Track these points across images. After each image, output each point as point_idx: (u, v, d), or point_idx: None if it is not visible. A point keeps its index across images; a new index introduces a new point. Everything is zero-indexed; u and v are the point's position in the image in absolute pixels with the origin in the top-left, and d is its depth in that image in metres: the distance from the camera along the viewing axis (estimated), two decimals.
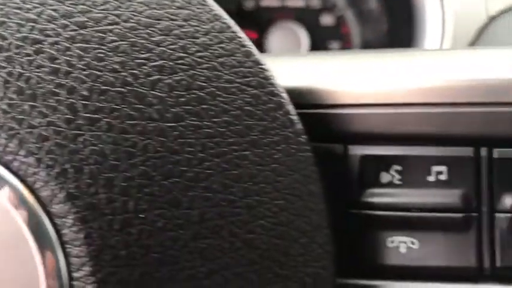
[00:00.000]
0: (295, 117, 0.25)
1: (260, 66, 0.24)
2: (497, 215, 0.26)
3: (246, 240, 0.22)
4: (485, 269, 0.26)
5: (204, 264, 0.21)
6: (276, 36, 0.72)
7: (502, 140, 0.26)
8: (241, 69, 0.24)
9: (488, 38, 0.60)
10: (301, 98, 0.28)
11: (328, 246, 0.24)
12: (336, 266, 0.27)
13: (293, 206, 0.23)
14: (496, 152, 0.26)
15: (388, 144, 0.27)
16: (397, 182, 0.27)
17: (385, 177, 0.27)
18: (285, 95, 0.25)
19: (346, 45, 0.72)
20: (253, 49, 0.25)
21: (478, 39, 0.60)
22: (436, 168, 0.26)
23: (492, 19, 0.56)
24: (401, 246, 0.27)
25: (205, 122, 0.22)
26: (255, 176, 0.23)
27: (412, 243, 0.27)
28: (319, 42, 0.72)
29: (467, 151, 0.26)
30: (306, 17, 0.72)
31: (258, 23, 0.72)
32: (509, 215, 0.26)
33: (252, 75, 0.24)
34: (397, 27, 0.70)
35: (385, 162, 0.27)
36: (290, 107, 0.25)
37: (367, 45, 0.72)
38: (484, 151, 0.26)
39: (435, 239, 0.27)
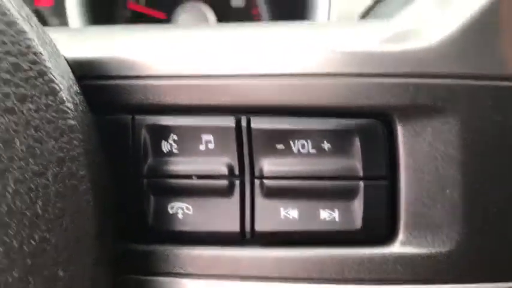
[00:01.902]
0: (57, 86, 0.25)
1: (24, 36, 0.25)
2: (257, 181, 0.27)
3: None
4: (247, 233, 0.28)
5: None
6: (184, 17, 0.71)
7: (259, 109, 0.27)
8: (1, 37, 0.24)
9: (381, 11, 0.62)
10: (92, 69, 0.29)
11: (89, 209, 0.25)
12: (119, 231, 0.28)
13: (50, 172, 0.24)
14: (254, 121, 0.27)
15: (168, 114, 0.28)
16: (175, 151, 0.28)
17: (165, 147, 0.28)
18: (49, 63, 0.25)
19: None
20: (19, 19, 0.25)
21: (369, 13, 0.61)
22: (205, 138, 0.28)
23: None
24: (179, 212, 0.28)
25: None
26: (9, 142, 0.23)
27: (188, 209, 0.28)
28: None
29: (229, 120, 0.27)
30: None
31: (166, 3, 0.72)
32: (266, 181, 0.27)
33: (12, 44, 0.24)
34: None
35: (165, 132, 0.28)
36: (54, 75, 0.25)
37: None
38: (244, 120, 0.27)
39: (205, 205, 0.28)
